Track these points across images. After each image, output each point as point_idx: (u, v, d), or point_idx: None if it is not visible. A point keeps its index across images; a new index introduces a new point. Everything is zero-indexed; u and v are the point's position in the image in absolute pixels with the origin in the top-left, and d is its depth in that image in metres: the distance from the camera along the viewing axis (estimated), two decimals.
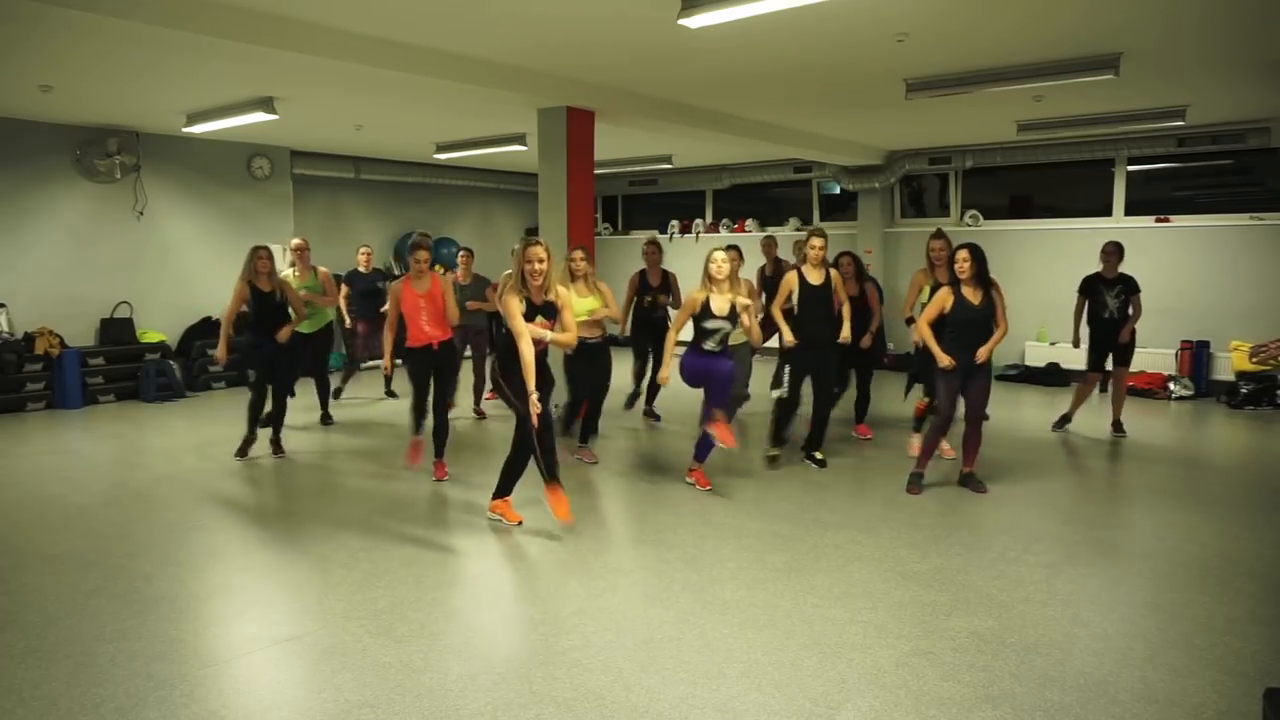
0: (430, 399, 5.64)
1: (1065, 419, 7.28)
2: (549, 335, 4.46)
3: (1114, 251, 6.93)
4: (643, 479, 5.74)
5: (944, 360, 5.17)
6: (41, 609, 3.68)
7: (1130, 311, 6.88)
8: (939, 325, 5.30)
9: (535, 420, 4.35)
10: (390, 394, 8.84)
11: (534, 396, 4.31)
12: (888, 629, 3.43)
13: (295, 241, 7.37)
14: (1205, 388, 9.06)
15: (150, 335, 9.42)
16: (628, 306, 7.18)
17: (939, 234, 6.25)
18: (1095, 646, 3.28)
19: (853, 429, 6.98)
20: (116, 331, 9.20)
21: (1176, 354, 9.28)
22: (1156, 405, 8.70)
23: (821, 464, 5.93)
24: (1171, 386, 9.03)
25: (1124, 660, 3.17)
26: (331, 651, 3.26)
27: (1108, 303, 6.89)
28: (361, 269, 8.56)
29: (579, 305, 5.54)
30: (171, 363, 9.26)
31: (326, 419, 7.62)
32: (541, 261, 4.38)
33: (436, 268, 7.87)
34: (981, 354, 5.17)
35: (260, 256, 6.20)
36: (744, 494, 5.34)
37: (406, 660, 3.18)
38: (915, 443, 6.34)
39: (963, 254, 5.18)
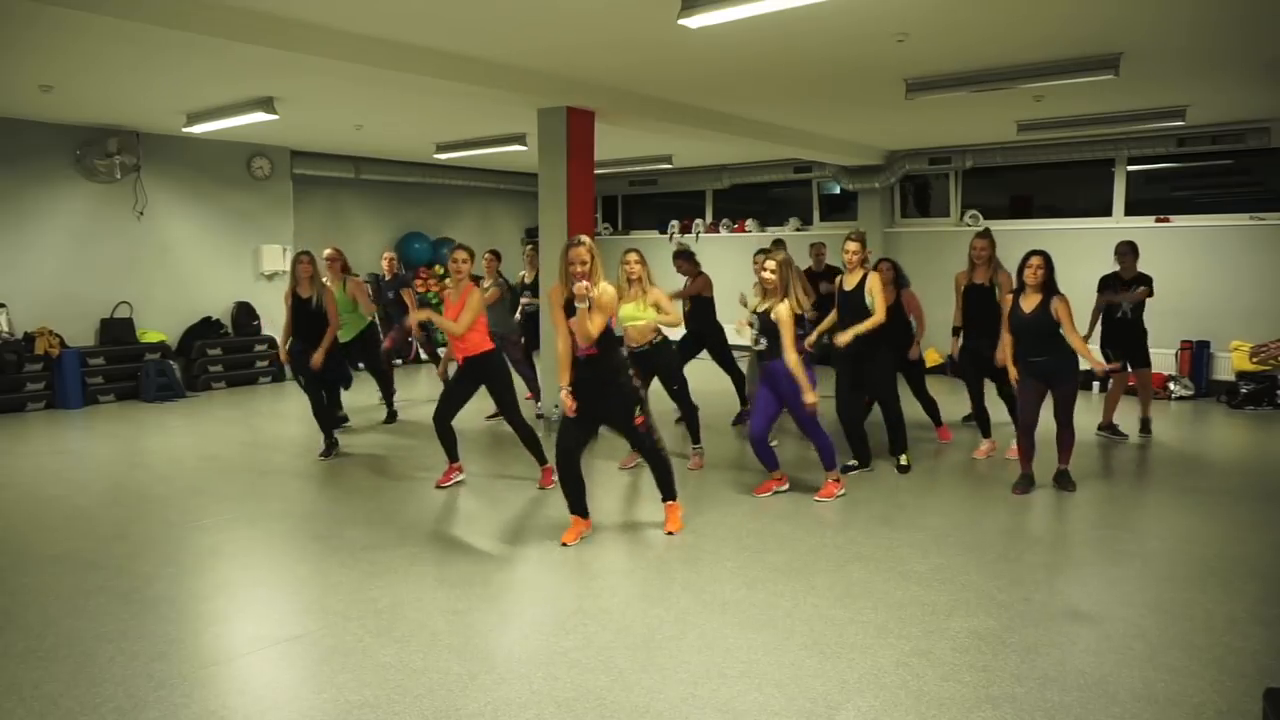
0: (448, 418, 5.43)
1: (1114, 428, 7.03)
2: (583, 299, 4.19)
3: (1128, 251, 6.89)
4: (643, 479, 5.73)
5: (1012, 370, 5.28)
6: (41, 609, 3.68)
7: (1142, 295, 6.71)
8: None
9: (571, 410, 4.31)
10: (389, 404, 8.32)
11: (564, 392, 4.29)
12: (888, 629, 3.43)
13: (327, 251, 7.15)
14: (1205, 388, 9.06)
15: (150, 335, 9.42)
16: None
17: (985, 233, 6.24)
18: (1095, 646, 3.28)
19: (934, 432, 6.83)
20: (116, 331, 9.19)
21: (1176, 354, 9.28)
22: (1157, 405, 8.66)
23: (905, 469, 5.80)
24: (1172, 386, 9.03)
25: (1124, 660, 3.17)
26: (331, 651, 3.26)
27: (1123, 304, 6.80)
28: (386, 275, 8.50)
29: (624, 312, 5.36)
30: (171, 363, 9.26)
31: (390, 417, 7.70)
32: (584, 264, 4.23)
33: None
34: (1098, 366, 5.29)
35: (300, 261, 6.21)
36: (742, 494, 5.34)
37: (406, 660, 3.18)
38: (984, 446, 6.33)
39: (1036, 260, 5.06)
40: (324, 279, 6.76)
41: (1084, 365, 5.34)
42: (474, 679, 3.04)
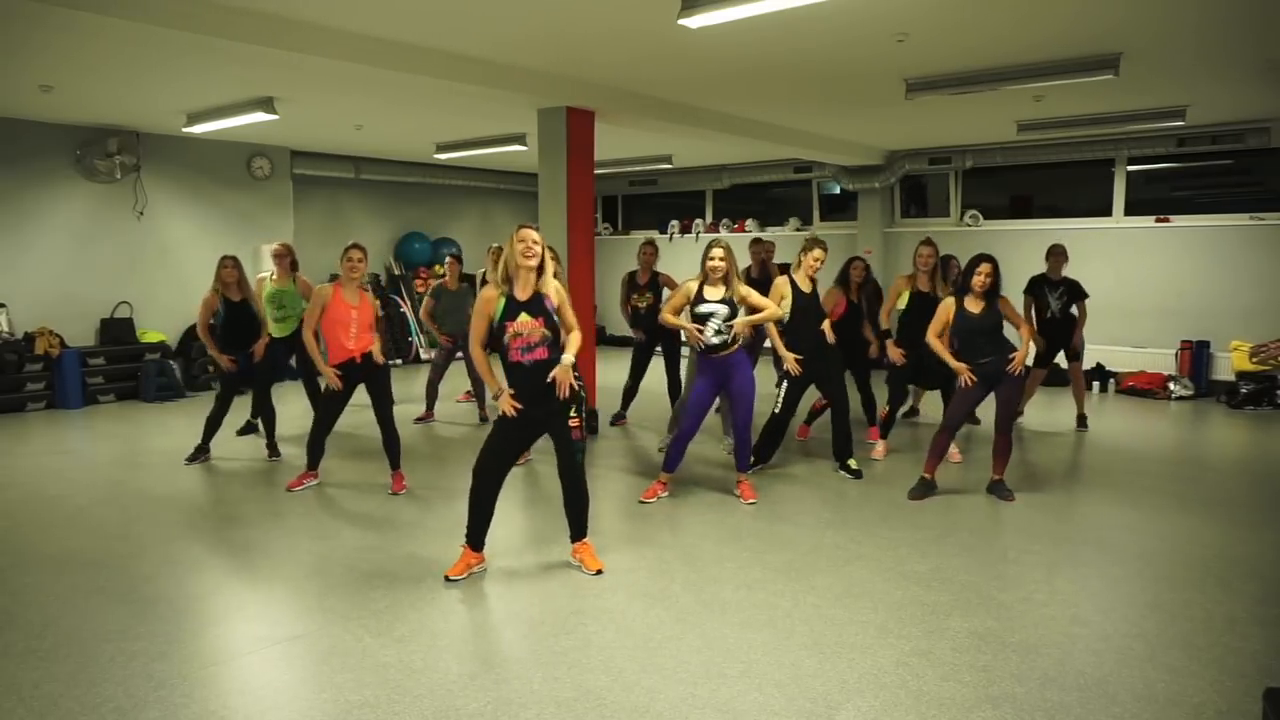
0: (331, 425, 5.47)
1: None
2: (567, 359, 3.85)
3: (1060, 254, 7.21)
4: (641, 479, 5.73)
5: (964, 372, 5.09)
6: (41, 609, 3.68)
7: (1075, 312, 7.18)
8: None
9: (512, 412, 3.82)
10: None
11: (507, 394, 3.81)
12: (888, 629, 3.43)
13: (275, 247, 6.87)
14: (1205, 388, 9.06)
15: (150, 335, 9.42)
16: (624, 305, 7.25)
17: (928, 241, 6.28)
18: (1095, 646, 3.28)
19: (865, 433, 6.77)
20: (116, 331, 9.20)
21: (1176, 354, 9.29)
22: (1156, 405, 8.70)
23: (857, 474, 5.70)
24: (1171, 386, 9.04)
25: (1124, 660, 3.17)
26: (331, 651, 3.26)
27: (1050, 304, 7.19)
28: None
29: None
30: (171, 363, 9.26)
31: (249, 428, 7.20)
32: (536, 243, 3.71)
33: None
34: (1017, 362, 5.08)
35: (225, 266, 6.17)
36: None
37: (406, 660, 3.18)
38: (880, 447, 6.34)
39: (985, 267, 5.08)
40: (271, 276, 6.72)
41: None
42: (474, 679, 3.04)
